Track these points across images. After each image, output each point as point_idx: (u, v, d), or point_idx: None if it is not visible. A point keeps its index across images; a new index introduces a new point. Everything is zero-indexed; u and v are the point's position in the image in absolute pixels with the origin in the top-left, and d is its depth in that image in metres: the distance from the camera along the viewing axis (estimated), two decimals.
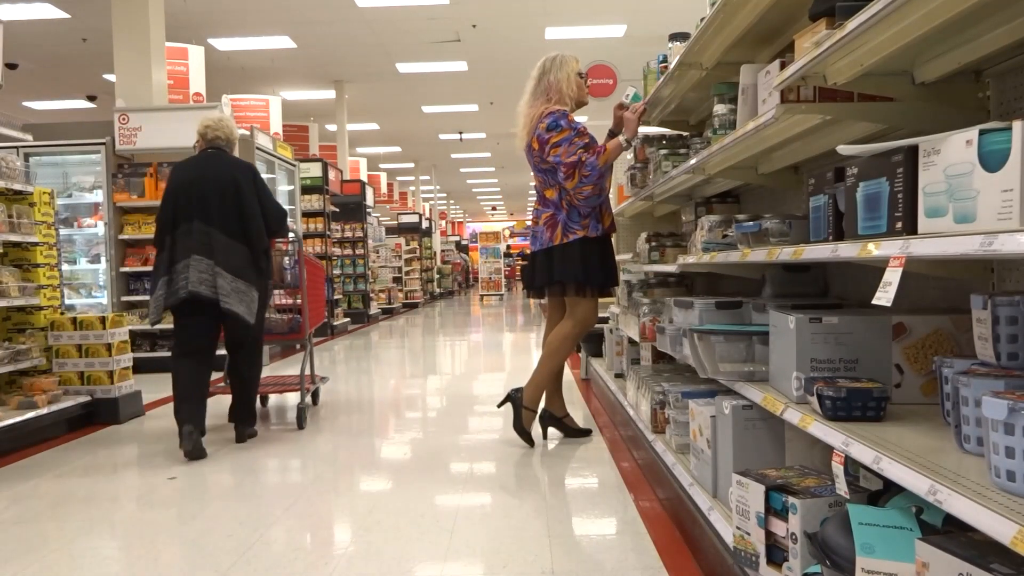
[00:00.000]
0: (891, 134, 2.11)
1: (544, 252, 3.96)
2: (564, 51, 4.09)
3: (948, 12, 1.56)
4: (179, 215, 4.02)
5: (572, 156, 3.81)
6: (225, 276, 3.93)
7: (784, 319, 2.03)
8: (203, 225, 3.97)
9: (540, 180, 4.03)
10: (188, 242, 3.96)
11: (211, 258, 3.94)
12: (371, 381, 6.93)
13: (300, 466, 3.89)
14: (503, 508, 3.09)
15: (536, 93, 4.02)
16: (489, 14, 10.22)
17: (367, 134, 18.30)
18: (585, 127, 3.94)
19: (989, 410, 1.22)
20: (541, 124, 3.90)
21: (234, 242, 4.01)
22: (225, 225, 4.00)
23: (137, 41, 7.64)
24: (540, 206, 4.05)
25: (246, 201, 4.06)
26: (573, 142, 3.83)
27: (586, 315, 4.00)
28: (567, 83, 3.99)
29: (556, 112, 3.90)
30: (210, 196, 4.02)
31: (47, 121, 11.86)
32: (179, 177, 4.15)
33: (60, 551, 2.75)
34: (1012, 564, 1.16)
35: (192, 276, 3.91)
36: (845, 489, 1.62)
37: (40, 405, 4.51)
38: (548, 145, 3.86)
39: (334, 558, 2.59)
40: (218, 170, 4.11)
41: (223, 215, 4.01)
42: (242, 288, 3.98)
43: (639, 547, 2.62)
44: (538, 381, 4.03)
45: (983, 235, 1.22)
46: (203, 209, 3.99)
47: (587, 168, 3.81)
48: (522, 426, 3.99)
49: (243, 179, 4.10)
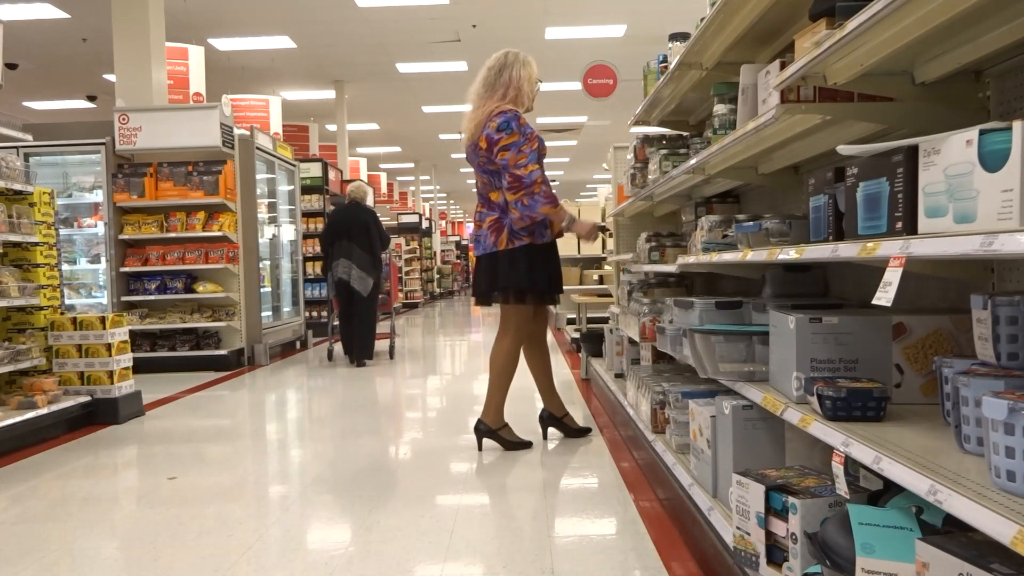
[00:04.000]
0: (891, 134, 2.11)
1: (488, 256, 3.84)
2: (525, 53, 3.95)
3: (948, 12, 1.56)
4: (336, 236, 7.35)
5: (523, 169, 3.67)
6: (356, 270, 7.26)
7: (784, 319, 2.03)
8: (348, 242, 7.27)
9: (485, 181, 3.88)
10: (339, 250, 7.30)
11: (349, 260, 7.26)
12: (373, 384, 6.94)
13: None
14: (503, 508, 3.09)
15: (494, 87, 3.84)
16: (489, 14, 10.22)
17: (367, 134, 18.31)
18: (535, 133, 3.79)
19: (989, 410, 1.22)
20: (492, 123, 3.73)
21: (363, 252, 7.29)
22: (359, 243, 7.28)
23: (137, 41, 7.65)
24: (484, 208, 3.90)
25: (371, 231, 7.38)
26: (521, 149, 3.68)
27: (520, 324, 3.92)
28: (528, 84, 3.87)
29: (508, 113, 3.75)
30: (352, 227, 7.32)
31: (47, 121, 11.87)
32: (336, 215, 7.62)
33: (60, 551, 2.75)
34: (1012, 564, 1.16)
35: (340, 269, 7.28)
36: (845, 489, 1.62)
37: (40, 405, 4.51)
38: (497, 147, 3.71)
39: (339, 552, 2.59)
40: (357, 214, 7.45)
41: (358, 237, 7.29)
42: (364, 276, 7.28)
43: (639, 547, 2.62)
44: (496, 403, 3.94)
45: (983, 235, 1.22)
46: (348, 233, 7.30)
47: (528, 201, 3.67)
48: (511, 443, 3.95)
49: (370, 219, 7.43)
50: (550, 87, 14.39)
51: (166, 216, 7.64)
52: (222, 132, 7.58)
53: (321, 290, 10.71)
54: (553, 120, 16.97)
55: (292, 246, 9.74)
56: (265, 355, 7.89)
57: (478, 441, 4.00)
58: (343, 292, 7.29)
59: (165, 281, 7.66)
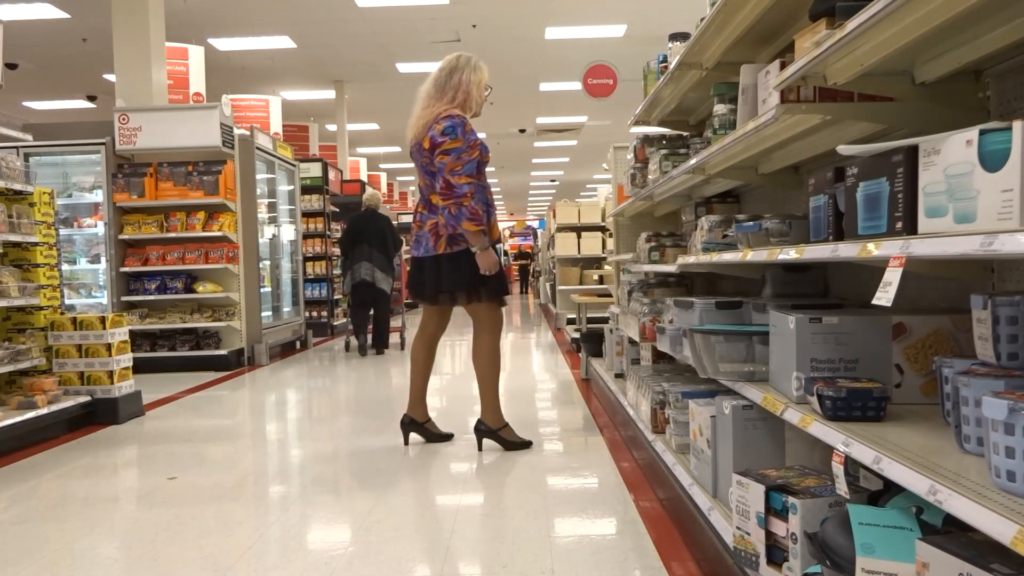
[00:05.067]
0: (891, 134, 2.11)
1: (432, 259, 3.84)
2: (478, 57, 3.93)
3: (948, 12, 1.56)
4: (355, 241, 8.10)
5: (456, 178, 3.67)
6: (379, 272, 8.09)
7: (784, 319, 2.03)
8: (368, 247, 8.06)
9: (427, 183, 3.89)
10: (359, 254, 8.07)
11: (370, 263, 8.05)
12: (374, 383, 6.93)
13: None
14: (503, 508, 3.09)
15: (444, 88, 3.84)
16: (489, 14, 10.22)
17: (367, 134, 18.30)
18: (478, 142, 3.78)
19: (989, 410, 1.22)
20: (438, 126, 3.74)
21: (381, 256, 8.12)
22: (378, 248, 8.09)
23: (137, 41, 7.64)
24: (425, 210, 3.91)
25: (387, 236, 8.21)
26: (460, 157, 3.68)
27: (492, 319, 3.95)
28: (477, 89, 3.86)
29: (455, 117, 3.76)
30: (371, 233, 8.12)
31: (47, 121, 11.88)
32: (355, 222, 8.26)
33: (60, 551, 2.75)
34: (1012, 564, 1.16)
35: (363, 271, 8.04)
36: (845, 489, 1.62)
37: (40, 405, 4.51)
38: (439, 149, 3.72)
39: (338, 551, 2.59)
40: (374, 221, 8.21)
41: (376, 243, 8.10)
42: (386, 277, 8.16)
43: (639, 547, 2.62)
44: (492, 402, 3.96)
45: (983, 235, 1.22)
46: (367, 239, 8.08)
47: (455, 211, 3.66)
48: (511, 443, 3.96)
49: (386, 226, 8.26)
50: (550, 87, 14.41)
51: (166, 216, 7.64)
52: (222, 132, 7.58)
53: (321, 290, 10.97)
54: (553, 120, 16.97)
55: (292, 246, 9.74)
56: (265, 355, 7.88)
57: (478, 441, 4.00)
58: (366, 292, 8.16)
59: (165, 281, 7.66)
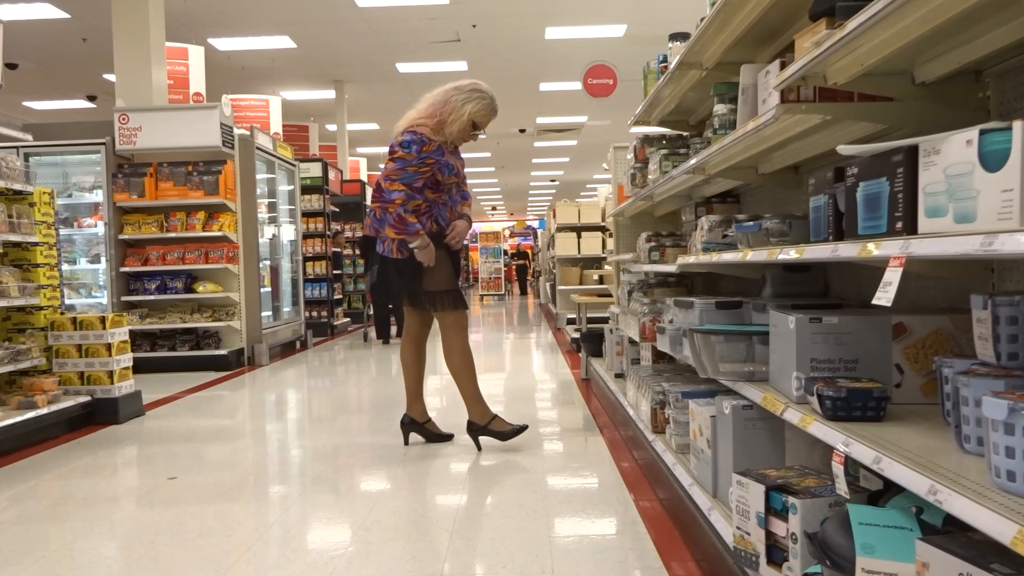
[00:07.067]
0: (891, 134, 2.11)
1: (393, 261, 3.93)
2: (492, 91, 3.96)
3: (948, 12, 1.56)
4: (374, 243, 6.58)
5: (389, 184, 3.74)
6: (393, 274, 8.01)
7: (784, 319, 2.03)
8: None
9: None
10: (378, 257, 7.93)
11: None
12: (372, 379, 6.94)
13: None
14: (503, 508, 3.09)
15: (433, 102, 3.86)
16: (489, 14, 10.22)
17: (367, 134, 18.28)
18: (434, 162, 3.78)
19: (989, 410, 1.22)
20: (400, 136, 3.80)
21: None
22: None
23: (137, 41, 7.64)
24: None
25: None
26: (405, 169, 3.73)
27: (457, 318, 4.00)
28: (458, 123, 3.81)
29: (419, 133, 3.78)
30: None
31: (47, 121, 11.88)
32: None
33: (60, 551, 2.75)
34: (1012, 564, 1.16)
35: None
36: (845, 489, 1.62)
37: (40, 405, 4.51)
38: (389, 155, 3.80)
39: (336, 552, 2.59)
40: None
41: None
42: None
43: (639, 547, 2.62)
44: (474, 399, 4.01)
45: (983, 235, 1.22)
46: None
47: (380, 215, 3.79)
48: (505, 434, 3.98)
49: None
50: (550, 87, 14.40)
51: (166, 216, 7.64)
52: (222, 132, 7.58)
53: (321, 290, 11.09)
54: (553, 120, 16.97)
55: (292, 246, 9.74)
56: (265, 355, 7.88)
57: (474, 442, 4.00)
58: (386, 290, 8.83)
59: (165, 281, 7.66)
